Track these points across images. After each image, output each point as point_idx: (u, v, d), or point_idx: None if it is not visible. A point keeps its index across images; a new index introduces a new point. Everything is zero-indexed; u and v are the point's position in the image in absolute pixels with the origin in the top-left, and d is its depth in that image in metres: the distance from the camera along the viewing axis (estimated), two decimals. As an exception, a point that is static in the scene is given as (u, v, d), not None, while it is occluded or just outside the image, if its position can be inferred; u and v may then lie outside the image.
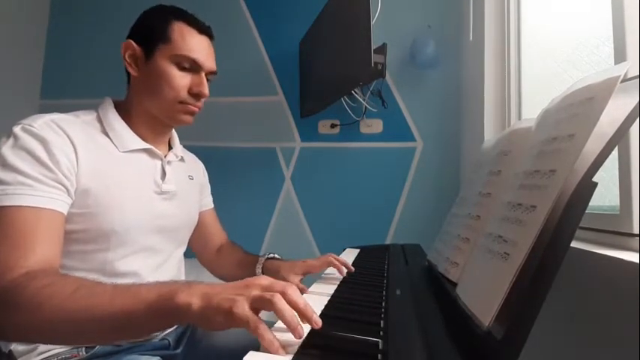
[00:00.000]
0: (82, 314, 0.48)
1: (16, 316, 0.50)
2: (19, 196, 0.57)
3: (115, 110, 0.76)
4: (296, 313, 0.44)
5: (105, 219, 0.67)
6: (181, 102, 0.76)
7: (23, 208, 0.57)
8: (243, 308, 0.42)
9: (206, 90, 0.77)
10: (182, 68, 0.75)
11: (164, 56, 0.74)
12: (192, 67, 0.76)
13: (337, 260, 0.83)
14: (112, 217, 0.68)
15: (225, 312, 0.42)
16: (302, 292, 0.74)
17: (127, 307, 0.47)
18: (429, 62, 1.69)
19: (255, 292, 0.44)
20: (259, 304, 0.43)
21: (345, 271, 0.80)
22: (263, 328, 0.41)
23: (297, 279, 0.82)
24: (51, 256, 0.58)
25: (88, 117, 0.73)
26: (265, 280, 0.47)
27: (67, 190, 0.63)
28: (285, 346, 0.42)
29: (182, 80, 0.75)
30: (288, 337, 0.43)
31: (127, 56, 0.75)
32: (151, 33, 0.75)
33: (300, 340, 0.44)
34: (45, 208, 0.59)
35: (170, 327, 0.67)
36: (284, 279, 0.82)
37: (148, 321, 0.47)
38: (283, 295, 0.44)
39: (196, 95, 0.77)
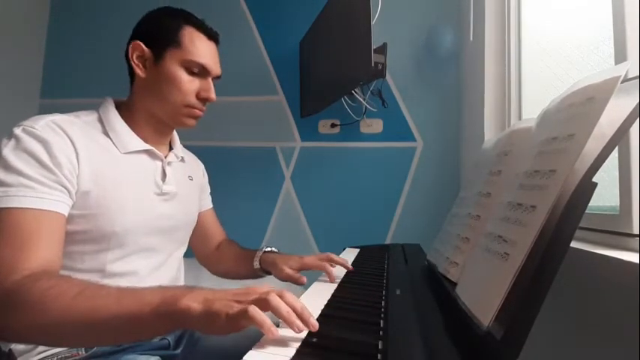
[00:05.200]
0: (89, 315, 0.49)
1: (21, 318, 0.50)
2: (21, 198, 0.58)
3: (116, 111, 0.76)
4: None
5: (105, 220, 0.67)
6: (187, 105, 0.77)
7: (25, 210, 0.57)
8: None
9: (214, 95, 0.79)
10: (191, 73, 0.76)
11: (174, 60, 0.74)
12: (200, 72, 0.77)
13: (334, 261, 0.85)
14: (112, 219, 0.68)
15: (225, 316, 0.44)
16: (299, 281, 0.82)
17: (132, 308, 0.48)
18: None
19: (254, 297, 0.47)
20: (257, 306, 0.45)
21: (335, 279, 0.80)
22: (260, 315, 0.44)
23: (291, 270, 0.84)
24: (52, 258, 0.58)
25: (88, 117, 0.73)
26: (265, 287, 0.50)
27: (69, 191, 0.63)
28: (285, 342, 0.44)
29: (191, 85, 0.76)
30: (286, 332, 0.45)
31: (134, 57, 0.75)
32: (160, 36, 0.75)
33: (301, 338, 0.45)
34: (47, 210, 0.59)
35: (173, 331, 0.68)
36: (280, 270, 0.85)
37: (152, 323, 0.48)
38: (280, 297, 0.47)
39: (204, 100, 0.78)
